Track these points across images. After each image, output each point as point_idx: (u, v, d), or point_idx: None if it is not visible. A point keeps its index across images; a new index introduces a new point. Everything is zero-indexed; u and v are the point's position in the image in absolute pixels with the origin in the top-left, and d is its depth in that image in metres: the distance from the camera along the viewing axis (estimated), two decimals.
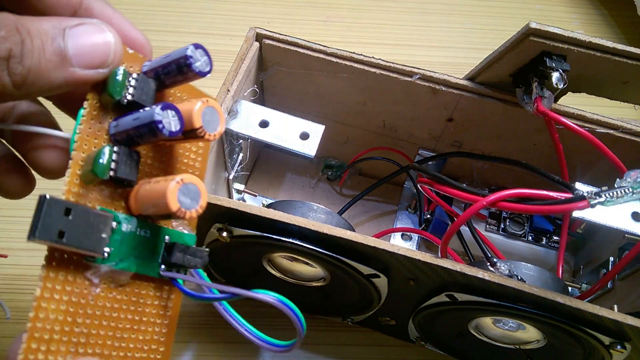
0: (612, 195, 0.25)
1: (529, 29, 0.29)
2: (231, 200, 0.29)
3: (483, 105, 0.35)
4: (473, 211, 0.28)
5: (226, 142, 0.33)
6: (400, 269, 0.29)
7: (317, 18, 0.58)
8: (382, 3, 0.59)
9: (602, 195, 0.25)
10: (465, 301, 0.29)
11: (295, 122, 0.32)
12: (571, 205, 0.25)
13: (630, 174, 0.27)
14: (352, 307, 0.35)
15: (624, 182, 0.26)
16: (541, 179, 0.32)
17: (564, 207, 0.26)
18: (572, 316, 0.27)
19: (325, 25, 0.57)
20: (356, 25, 0.58)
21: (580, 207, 0.25)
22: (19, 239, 0.42)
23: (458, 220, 0.29)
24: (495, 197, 0.27)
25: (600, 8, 0.62)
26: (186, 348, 0.39)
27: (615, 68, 0.30)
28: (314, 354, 0.39)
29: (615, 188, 0.26)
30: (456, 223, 0.29)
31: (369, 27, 0.57)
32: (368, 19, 0.58)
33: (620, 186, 0.26)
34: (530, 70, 0.32)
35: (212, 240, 0.31)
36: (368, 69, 0.34)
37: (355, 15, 0.58)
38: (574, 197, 0.26)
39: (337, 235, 0.28)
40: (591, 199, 0.25)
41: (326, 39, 0.55)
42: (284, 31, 0.36)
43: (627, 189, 0.26)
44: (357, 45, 0.55)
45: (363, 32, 0.57)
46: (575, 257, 0.42)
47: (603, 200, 0.25)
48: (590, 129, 0.33)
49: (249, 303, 0.40)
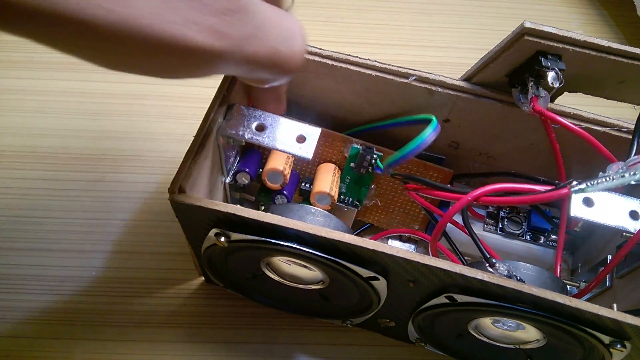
0: (592, 183, 0.27)
1: (524, 28, 0.29)
2: (228, 204, 0.29)
3: (479, 105, 0.35)
4: (458, 207, 0.29)
5: (222, 145, 0.33)
6: (400, 272, 0.29)
7: (317, 18, 0.58)
8: (382, 3, 0.59)
9: (583, 183, 0.27)
10: (464, 302, 0.29)
11: (292, 125, 0.32)
12: (554, 193, 0.27)
13: (612, 166, 0.28)
14: (351, 309, 0.35)
15: (606, 173, 0.27)
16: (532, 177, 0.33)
17: (547, 196, 0.27)
18: (572, 316, 0.27)
19: (325, 26, 0.57)
20: (356, 25, 0.58)
21: (563, 194, 0.27)
22: (19, 238, 0.42)
23: (445, 216, 0.30)
24: (480, 192, 0.28)
25: (600, 8, 0.62)
26: (185, 348, 0.38)
27: (611, 67, 0.30)
28: (314, 354, 0.39)
29: (597, 178, 0.27)
30: (443, 219, 0.30)
31: (368, 27, 0.57)
32: (368, 19, 0.58)
33: (602, 176, 0.27)
34: (525, 69, 0.32)
35: (210, 245, 0.31)
36: (364, 71, 0.34)
37: (355, 15, 0.58)
38: (557, 186, 0.27)
39: (335, 239, 0.28)
40: (572, 187, 0.26)
41: (326, 39, 0.56)
42: None
43: (607, 177, 0.26)
44: (356, 45, 0.55)
45: (363, 32, 0.57)
46: (574, 256, 0.42)
47: (583, 187, 0.27)
48: (586, 128, 0.33)
49: (249, 303, 0.40)
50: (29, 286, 0.40)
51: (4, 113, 0.49)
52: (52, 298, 0.40)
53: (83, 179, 0.45)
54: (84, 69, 0.52)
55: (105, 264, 0.42)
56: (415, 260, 0.28)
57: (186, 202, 0.29)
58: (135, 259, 0.42)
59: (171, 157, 0.47)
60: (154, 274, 0.41)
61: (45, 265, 0.41)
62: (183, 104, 0.50)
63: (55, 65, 0.52)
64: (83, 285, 0.40)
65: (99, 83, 0.51)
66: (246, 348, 0.39)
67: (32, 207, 0.44)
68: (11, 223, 0.43)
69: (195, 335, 0.39)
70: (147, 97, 0.51)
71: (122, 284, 0.41)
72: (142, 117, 0.49)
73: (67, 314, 0.39)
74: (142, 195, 0.45)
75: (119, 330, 0.39)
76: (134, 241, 0.43)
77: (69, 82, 0.51)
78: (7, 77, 0.51)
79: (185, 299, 0.40)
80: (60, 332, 0.39)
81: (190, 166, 0.30)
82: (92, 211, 0.44)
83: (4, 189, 0.44)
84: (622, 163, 0.28)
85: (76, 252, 0.42)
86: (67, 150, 0.47)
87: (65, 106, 0.49)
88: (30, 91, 0.50)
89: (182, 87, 0.52)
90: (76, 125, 0.48)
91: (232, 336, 0.39)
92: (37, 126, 0.48)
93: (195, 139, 0.31)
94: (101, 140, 0.48)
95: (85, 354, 0.38)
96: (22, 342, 0.38)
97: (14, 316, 0.39)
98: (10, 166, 0.46)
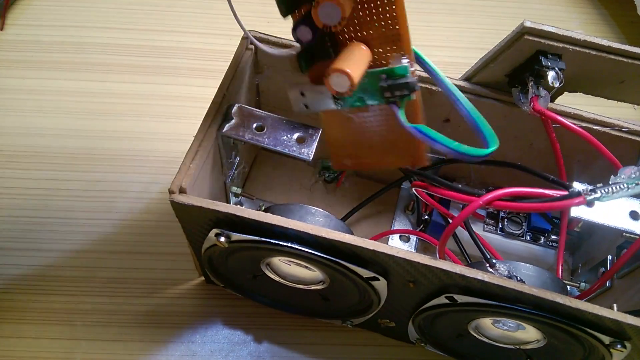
0: (608, 191, 0.26)
1: (524, 27, 0.29)
2: (229, 205, 0.29)
3: (479, 105, 0.34)
4: (469, 211, 0.28)
5: (222, 146, 0.33)
6: (400, 272, 0.29)
7: None
8: None
9: (598, 191, 0.26)
10: (465, 303, 0.29)
11: (292, 125, 0.32)
12: (568, 202, 0.26)
13: (624, 170, 0.27)
14: (351, 310, 0.35)
15: (618, 178, 0.27)
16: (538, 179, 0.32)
17: (560, 204, 0.26)
18: (572, 316, 0.27)
19: None
20: None
21: (577, 203, 0.26)
22: (19, 238, 0.42)
23: (455, 220, 0.29)
24: (492, 197, 0.28)
25: (600, 8, 0.62)
26: (185, 348, 0.38)
27: (611, 67, 0.30)
28: (314, 354, 0.39)
29: (609, 184, 0.26)
30: (453, 224, 0.29)
31: None
32: None
33: (614, 182, 0.26)
34: (525, 69, 0.32)
35: (210, 245, 0.31)
36: None
37: None
38: (570, 194, 0.26)
39: (335, 239, 0.28)
40: (587, 195, 0.25)
41: None
42: (284, 31, 0.35)
43: (621, 184, 0.26)
44: None
45: None
46: (574, 256, 0.42)
47: (599, 196, 0.26)
48: (587, 128, 0.33)
49: (249, 303, 0.40)
50: (29, 286, 0.40)
51: (4, 113, 0.49)
52: (52, 298, 0.40)
53: (83, 179, 0.45)
54: (84, 69, 0.52)
55: (105, 264, 0.41)
56: (415, 260, 0.28)
57: (186, 203, 0.29)
58: (135, 259, 0.42)
59: (171, 157, 0.47)
60: (154, 274, 0.41)
61: (45, 265, 0.41)
62: (183, 104, 0.50)
63: (55, 65, 0.52)
64: (83, 285, 0.40)
65: (99, 83, 0.51)
66: (246, 348, 0.39)
67: (32, 207, 0.44)
68: (11, 223, 0.43)
69: (195, 335, 0.39)
70: (147, 97, 0.51)
71: (122, 284, 0.41)
72: (142, 117, 0.49)
73: (67, 314, 0.39)
74: (142, 195, 0.45)
75: (119, 330, 0.39)
76: (134, 241, 0.43)
77: (69, 82, 0.51)
78: (7, 77, 0.51)
79: (185, 299, 0.40)
80: (60, 332, 0.39)
81: (191, 166, 0.30)
82: (92, 211, 0.44)
83: (4, 188, 0.44)
84: (635, 168, 0.27)
85: (76, 252, 0.42)
86: (67, 150, 0.47)
87: (65, 106, 0.49)
88: (30, 91, 0.50)
89: (183, 87, 0.52)
90: (76, 125, 0.48)
91: (232, 336, 0.39)
92: (36, 126, 0.48)
93: (196, 139, 0.31)
94: (101, 140, 0.47)
95: (86, 354, 0.38)
96: (22, 342, 0.38)
97: (14, 316, 0.39)
98: (10, 166, 0.46)
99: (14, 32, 0.54)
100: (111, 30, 0.55)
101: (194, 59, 0.54)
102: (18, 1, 0.56)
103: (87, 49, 0.53)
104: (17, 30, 0.54)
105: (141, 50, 0.54)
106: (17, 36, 0.54)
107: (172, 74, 0.52)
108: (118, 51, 0.53)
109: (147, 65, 0.53)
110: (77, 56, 0.53)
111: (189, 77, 0.52)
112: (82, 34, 0.54)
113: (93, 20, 0.55)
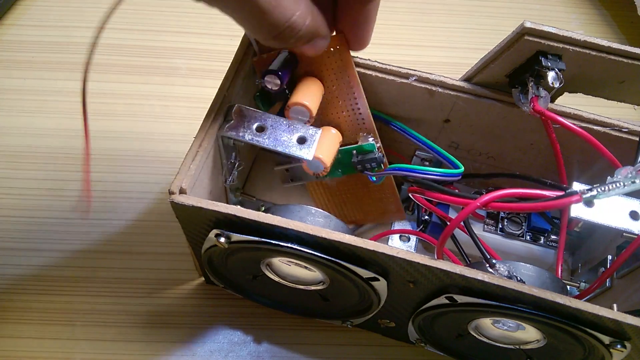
0: (604, 190, 0.26)
1: (524, 28, 0.29)
2: (229, 205, 0.29)
3: (480, 106, 0.35)
4: (466, 213, 0.28)
5: (222, 146, 0.33)
6: (400, 272, 0.29)
7: None
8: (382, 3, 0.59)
9: (594, 189, 0.26)
10: (464, 303, 0.29)
11: (292, 126, 0.32)
12: (564, 200, 0.26)
13: (621, 170, 0.28)
14: (351, 310, 0.35)
15: (615, 178, 0.27)
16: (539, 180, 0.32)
17: (557, 203, 0.27)
18: (572, 316, 0.27)
19: None
20: None
21: (574, 201, 0.26)
22: (19, 239, 0.42)
23: (452, 222, 0.29)
24: (489, 198, 0.28)
25: (600, 8, 0.62)
26: (185, 348, 0.38)
27: (611, 67, 0.30)
28: (314, 354, 0.39)
29: (606, 183, 0.26)
30: (450, 225, 0.29)
31: None
32: None
33: (610, 181, 0.26)
34: (525, 70, 0.32)
35: (210, 245, 0.31)
36: (364, 71, 0.34)
37: None
38: (567, 193, 0.26)
39: (335, 240, 0.28)
40: (583, 193, 0.26)
41: None
42: None
43: (617, 183, 0.26)
44: None
45: None
46: (574, 256, 0.42)
47: (595, 194, 0.26)
48: (587, 128, 0.33)
49: (249, 304, 0.40)
50: (29, 286, 0.40)
51: (4, 113, 0.49)
52: (52, 298, 0.40)
53: (83, 179, 0.45)
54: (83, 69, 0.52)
55: (105, 264, 0.42)
56: (415, 261, 0.28)
57: (186, 203, 0.29)
58: (135, 259, 0.42)
59: (171, 158, 0.47)
60: (154, 274, 0.41)
61: (45, 265, 0.41)
62: (183, 104, 0.50)
63: (55, 65, 0.52)
64: (83, 285, 0.40)
65: (99, 83, 0.51)
66: (246, 348, 0.39)
67: (32, 207, 0.44)
68: (11, 223, 0.43)
69: (195, 336, 0.39)
70: (147, 97, 0.51)
71: (122, 284, 0.41)
72: (142, 117, 0.49)
73: (67, 314, 0.39)
74: (142, 195, 0.45)
75: (119, 330, 0.39)
76: (134, 241, 0.43)
77: (69, 82, 0.51)
78: (7, 77, 0.51)
79: (185, 299, 0.40)
80: (60, 332, 0.39)
81: (191, 167, 0.30)
82: (92, 211, 0.44)
83: (4, 189, 0.44)
84: (631, 167, 0.27)
85: (76, 252, 0.42)
86: (67, 150, 0.47)
87: (65, 106, 0.49)
88: (30, 91, 0.50)
89: (183, 87, 0.52)
90: (76, 125, 0.48)
91: (232, 336, 0.39)
92: (36, 126, 0.48)
93: (196, 140, 0.31)
94: (101, 140, 0.48)
95: (85, 354, 0.38)
96: (22, 342, 0.38)
97: (14, 316, 0.39)
98: (10, 166, 0.46)
99: (14, 32, 0.54)
100: (111, 30, 0.55)
101: (194, 59, 0.54)
102: (19, 1, 0.56)
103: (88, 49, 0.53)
104: (18, 31, 0.54)
105: (141, 50, 0.54)
106: (18, 36, 0.54)
107: (173, 75, 0.53)
108: (118, 51, 0.53)
109: (147, 65, 0.53)
110: (78, 57, 0.53)
111: (189, 78, 0.52)
112: (82, 34, 0.54)
113: (94, 20, 0.55)
